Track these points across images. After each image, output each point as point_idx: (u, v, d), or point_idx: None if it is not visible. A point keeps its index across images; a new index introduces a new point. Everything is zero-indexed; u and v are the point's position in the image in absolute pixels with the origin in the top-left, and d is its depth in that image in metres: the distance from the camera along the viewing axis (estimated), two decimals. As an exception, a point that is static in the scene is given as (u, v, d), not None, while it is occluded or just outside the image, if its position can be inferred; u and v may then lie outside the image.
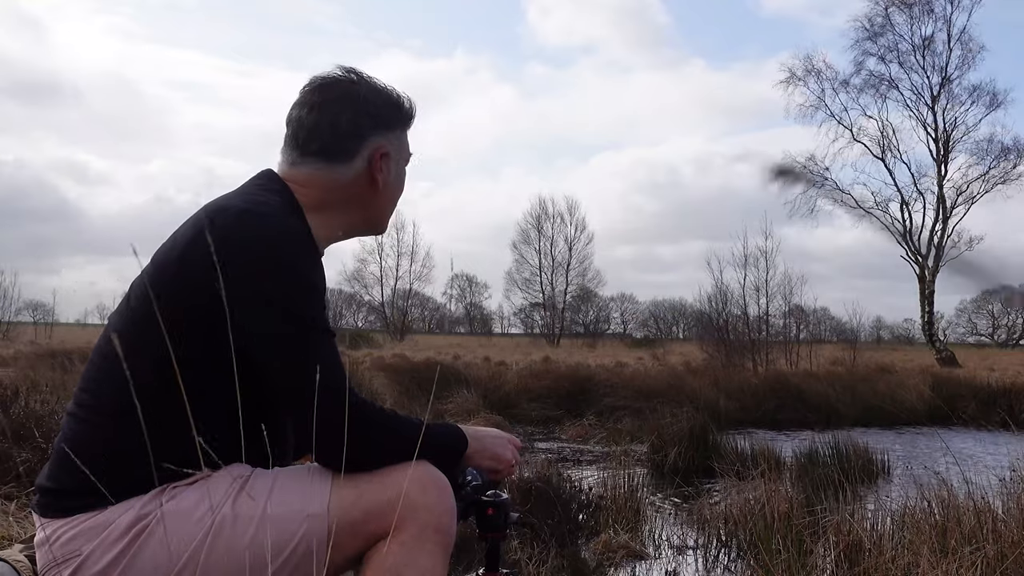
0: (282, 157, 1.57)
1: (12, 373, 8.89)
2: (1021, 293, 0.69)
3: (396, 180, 1.63)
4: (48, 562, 1.34)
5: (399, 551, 1.32)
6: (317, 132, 1.54)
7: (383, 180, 1.58)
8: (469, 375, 11.73)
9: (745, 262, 18.95)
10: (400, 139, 1.63)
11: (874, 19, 28.73)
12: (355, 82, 1.57)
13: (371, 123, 1.56)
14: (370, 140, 1.56)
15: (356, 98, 1.55)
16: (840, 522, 3.24)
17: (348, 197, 1.56)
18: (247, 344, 1.32)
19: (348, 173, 1.55)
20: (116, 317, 1.45)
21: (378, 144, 1.57)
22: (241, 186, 1.53)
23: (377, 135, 1.57)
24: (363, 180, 1.57)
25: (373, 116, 1.56)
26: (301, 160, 1.54)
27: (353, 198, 1.57)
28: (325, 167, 1.54)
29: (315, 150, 1.54)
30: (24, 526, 3.10)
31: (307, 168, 1.54)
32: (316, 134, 1.54)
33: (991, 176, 28.69)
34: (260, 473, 1.38)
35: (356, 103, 1.55)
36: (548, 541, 3.74)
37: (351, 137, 1.55)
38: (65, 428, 1.41)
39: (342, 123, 1.54)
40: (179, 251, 1.38)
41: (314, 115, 1.54)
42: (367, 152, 1.56)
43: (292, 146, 1.56)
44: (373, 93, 1.58)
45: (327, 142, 1.54)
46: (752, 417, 10.69)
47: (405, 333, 46.69)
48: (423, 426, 1.43)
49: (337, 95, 1.55)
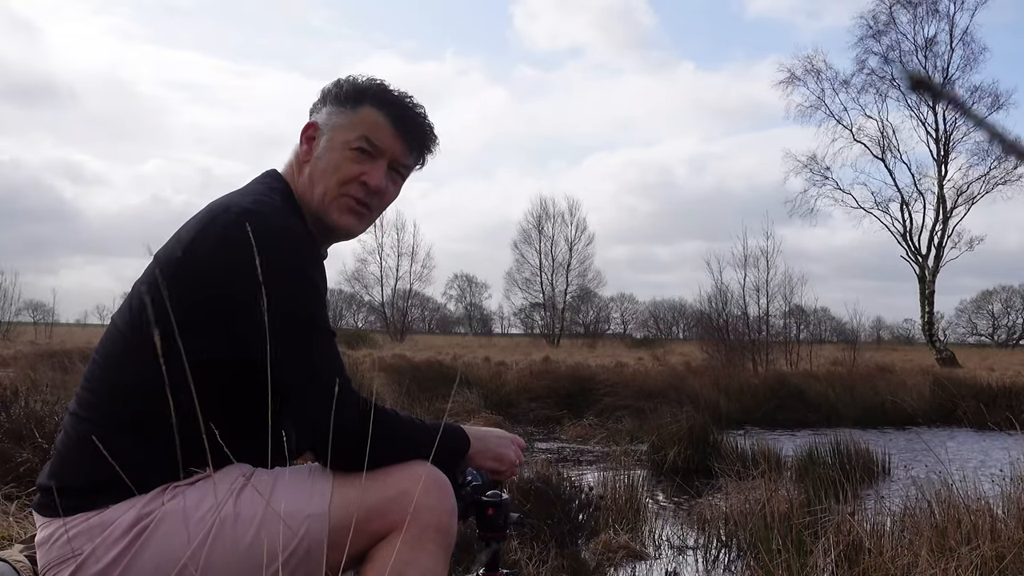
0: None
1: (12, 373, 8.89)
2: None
3: (327, 155, 1.52)
4: (49, 561, 1.34)
5: (400, 551, 1.32)
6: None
7: (306, 154, 1.55)
8: (469, 375, 11.73)
9: (745, 262, 18.97)
10: (338, 116, 1.54)
11: (878, 16, 28.71)
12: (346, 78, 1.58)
13: (315, 103, 1.58)
14: (312, 119, 1.57)
15: (327, 85, 1.59)
16: (840, 522, 3.24)
17: (299, 186, 1.55)
18: (249, 343, 1.33)
19: (293, 153, 1.57)
20: (119, 316, 1.45)
21: (313, 120, 1.57)
22: (245, 185, 1.54)
23: (316, 113, 1.57)
24: (299, 160, 1.56)
25: (321, 96, 1.57)
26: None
27: (300, 186, 1.55)
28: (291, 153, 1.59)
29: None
30: (24, 526, 3.10)
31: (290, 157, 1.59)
32: None
33: (991, 177, 28.67)
34: (261, 473, 1.38)
35: (322, 89, 1.58)
36: (548, 541, 3.74)
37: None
38: (67, 427, 1.42)
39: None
40: (181, 250, 1.39)
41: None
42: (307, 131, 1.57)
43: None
44: (339, 80, 1.58)
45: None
46: (752, 417, 10.69)
47: (405, 333, 46.67)
48: (426, 426, 1.44)
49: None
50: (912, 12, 28.55)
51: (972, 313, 61.43)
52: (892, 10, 28.56)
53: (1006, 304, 60.42)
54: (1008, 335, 59.78)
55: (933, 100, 2.07)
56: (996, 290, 59.84)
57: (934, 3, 28.35)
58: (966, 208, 29.19)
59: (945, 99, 0.52)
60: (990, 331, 61.58)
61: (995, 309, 61.16)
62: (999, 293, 59.83)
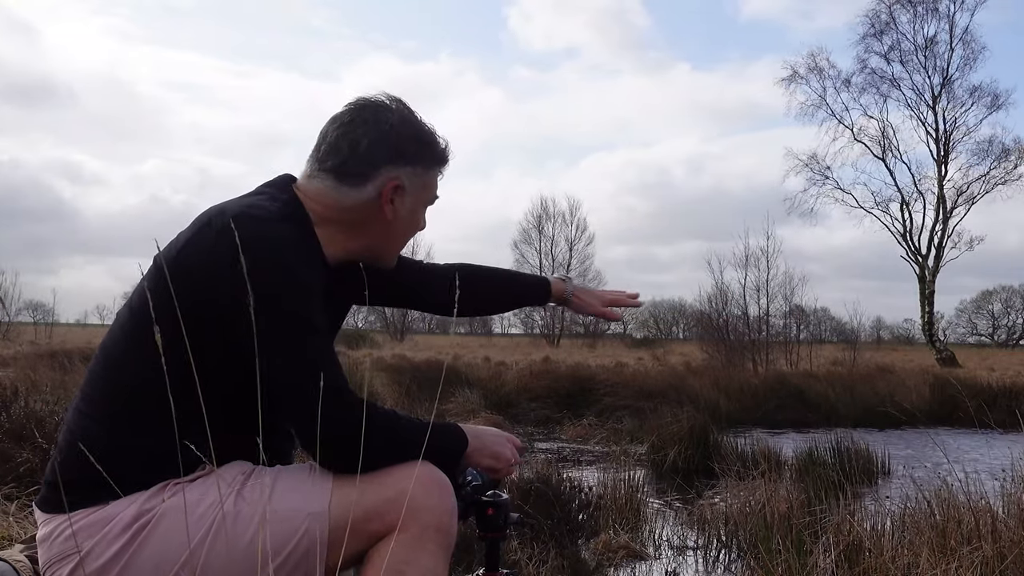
0: (305, 167, 1.56)
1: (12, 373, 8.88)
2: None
3: (409, 217, 1.58)
4: (51, 558, 1.34)
5: (400, 551, 1.32)
6: (336, 150, 1.52)
7: (392, 213, 1.54)
8: (470, 375, 11.74)
9: (746, 262, 18.96)
10: (422, 177, 1.56)
11: (879, 15, 28.70)
12: (390, 109, 1.54)
13: (390, 153, 1.51)
14: (385, 169, 1.51)
15: (382, 124, 1.52)
16: (840, 522, 3.24)
17: (352, 221, 1.53)
18: (245, 346, 1.33)
19: (356, 197, 1.51)
20: (123, 313, 1.46)
21: (394, 175, 1.52)
22: (252, 190, 1.55)
23: (394, 166, 1.52)
24: (371, 208, 1.53)
25: (394, 146, 1.52)
26: (316, 174, 1.53)
27: (357, 224, 1.54)
28: (334, 186, 1.51)
29: (329, 167, 1.51)
30: (24, 526, 3.10)
31: (318, 183, 1.52)
32: (334, 151, 1.52)
33: (991, 176, 28.67)
34: (261, 471, 1.39)
35: (381, 129, 1.51)
36: (548, 541, 3.74)
37: (366, 162, 1.51)
38: (70, 423, 1.42)
39: (361, 146, 1.50)
40: (177, 253, 1.40)
41: (338, 132, 1.52)
42: (380, 181, 1.52)
43: (312, 158, 1.55)
44: (404, 124, 1.54)
45: (342, 162, 1.51)
46: (752, 417, 10.69)
47: (405, 333, 46.63)
48: (424, 426, 1.43)
49: (366, 118, 1.52)
50: (912, 12, 28.59)
51: (972, 313, 61.47)
52: (892, 10, 28.60)
53: (1006, 304, 60.47)
54: (1008, 335, 59.78)
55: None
56: (996, 290, 59.91)
57: (934, 3, 28.38)
58: (966, 208, 29.22)
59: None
60: (990, 331, 61.60)
61: (995, 309, 61.19)
62: (999, 293, 59.90)
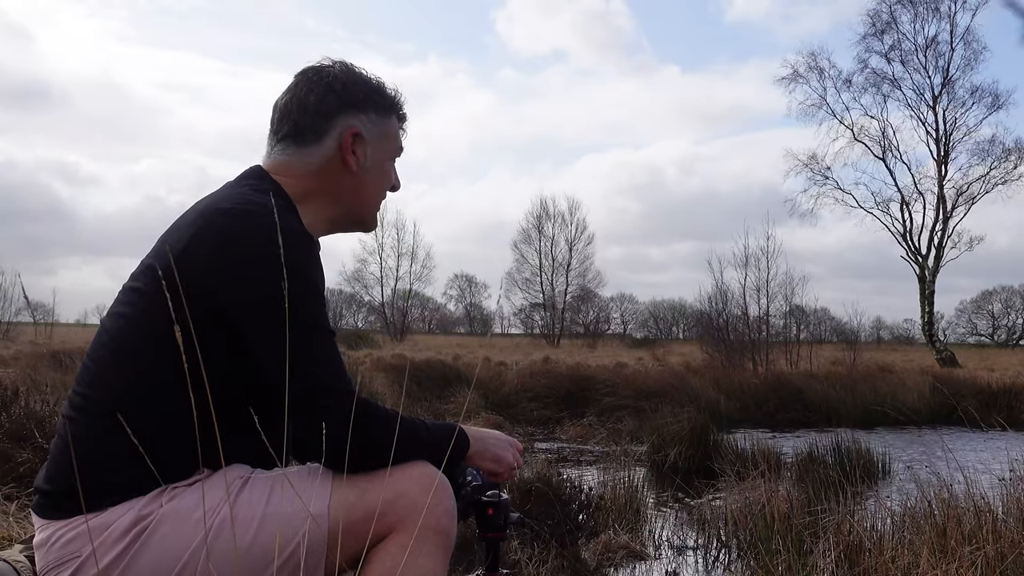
0: (265, 149, 1.55)
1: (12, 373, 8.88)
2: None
3: (376, 169, 1.57)
4: (48, 563, 1.33)
5: (400, 551, 1.32)
6: (286, 115, 1.52)
7: (355, 163, 1.53)
8: (469, 375, 11.73)
9: (746, 262, 18.96)
10: (378, 125, 1.56)
11: (880, 15, 28.67)
12: (331, 67, 1.55)
13: (340, 102, 1.51)
14: (339, 119, 1.51)
15: (325, 77, 1.52)
16: (840, 522, 3.24)
17: (325, 186, 1.52)
18: (250, 345, 1.32)
19: (318, 155, 1.51)
20: (109, 320, 1.42)
21: (349, 123, 1.52)
22: (231, 184, 1.50)
23: (347, 115, 1.52)
24: (336, 164, 1.52)
25: (341, 96, 1.52)
26: (276, 146, 1.53)
27: (330, 187, 1.53)
28: (296, 151, 1.51)
29: (285, 133, 1.52)
30: (24, 526, 3.10)
31: (282, 155, 1.52)
32: (286, 117, 1.52)
33: (991, 177, 28.64)
34: (260, 474, 1.38)
35: (325, 82, 1.52)
36: (548, 541, 3.74)
37: (318, 115, 1.51)
38: (60, 430, 1.39)
39: (309, 103, 1.51)
40: (175, 253, 1.34)
41: (286, 99, 1.53)
42: (336, 132, 1.51)
43: (269, 136, 1.55)
44: (348, 74, 1.54)
45: (295, 122, 1.51)
46: (752, 417, 10.70)
47: (405, 333, 46.62)
48: (426, 427, 1.43)
49: (309, 77, 1.53)
50: (913, 11, 28.56)
51: (972, 313, 61.35)
52: (893, 10, 28.58)
53: (1006, 304, 60.36)
54: (1008, 335, 59.69)
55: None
56: (996, 290, 59.83)
57: (935, 3, 28.35)
58: (966, 208, 29.20)
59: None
60: (990, 331, 61.52)
61: (995, 309, 61.05)
62: (999, 293, 59.81)
